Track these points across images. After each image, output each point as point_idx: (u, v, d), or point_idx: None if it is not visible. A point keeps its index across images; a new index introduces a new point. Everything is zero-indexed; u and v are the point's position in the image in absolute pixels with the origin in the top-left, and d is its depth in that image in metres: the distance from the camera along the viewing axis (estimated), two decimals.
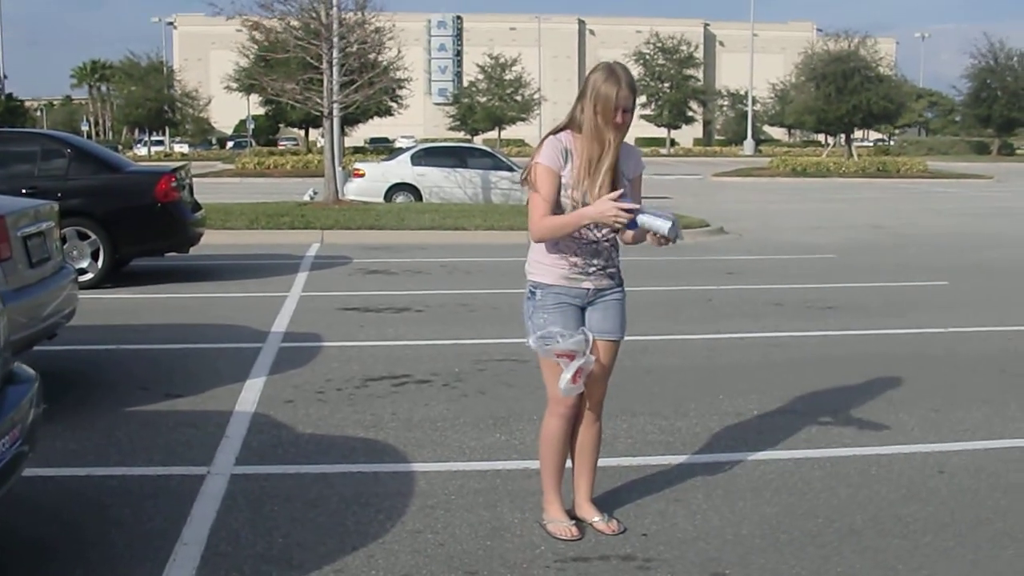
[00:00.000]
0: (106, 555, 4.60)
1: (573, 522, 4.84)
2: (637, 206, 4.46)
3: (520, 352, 8.66)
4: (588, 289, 4.70)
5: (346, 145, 42.31)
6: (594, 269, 4.70)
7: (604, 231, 4.63)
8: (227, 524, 4.95)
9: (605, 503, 5.10)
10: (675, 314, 10.73)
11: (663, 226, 4.41)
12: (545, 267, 4.70)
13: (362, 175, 25.73)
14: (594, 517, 4.89)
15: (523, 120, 78.67)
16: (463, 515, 5.08)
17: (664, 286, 12.32)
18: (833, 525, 4.97)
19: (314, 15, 24.00)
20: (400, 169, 25.69)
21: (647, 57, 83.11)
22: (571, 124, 4.65)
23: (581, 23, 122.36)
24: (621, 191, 4.49)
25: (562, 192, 4.59)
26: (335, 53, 23.71)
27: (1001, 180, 46.20)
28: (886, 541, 4.78)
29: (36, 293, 6.89)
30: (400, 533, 4.84)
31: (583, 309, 4.74)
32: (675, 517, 5.06)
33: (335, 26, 23.66)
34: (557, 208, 4.59)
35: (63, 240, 9.00)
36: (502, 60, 78.01)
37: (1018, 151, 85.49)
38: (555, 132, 4.71)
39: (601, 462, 5.14)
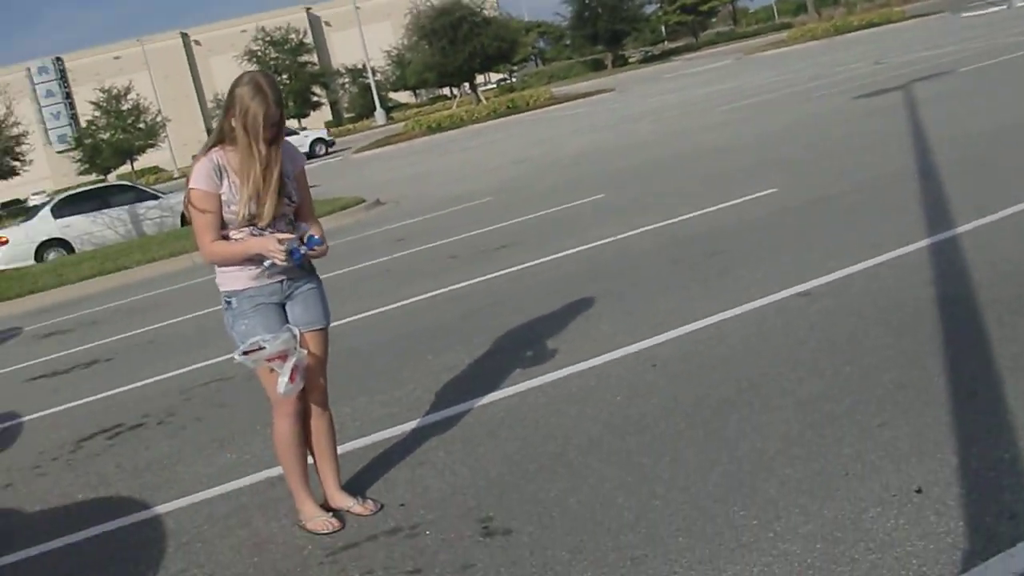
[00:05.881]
0: None
1: (330, 514, 4.80)
2: (294, 241, 4.45)
3: (222, 371, 8.48)
4: (281, 282, 4.63)
5: None
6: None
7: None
8: None
9: (354, 487, 5.08)
10: (359, 292, 10.74)
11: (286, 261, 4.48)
12: (232, 274, 4.59)
13: (5, 242, 24.30)
14: (349, 503, 4.86)
15: (152, 147, 76.16)
16: (221, 541, 4.92)
17: (340, 269, 12.30)
18: (572, 442, 5.15)
19: None
20: (43, 225, 24.45)
21: (259, 54, 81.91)
22: (222, 138, 4.51)
23: (184, 36, 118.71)
24: (291, 236, 4.45)
25: (225, 209, 4.47)
26: None
27: (622, 90, 48.71)
28: (625, 441, 5.00)
29: None
30: None
31: (282, 305, 4.67)
32: (425, 480, 5.09)
33: None
34: (224, 227, 4.52)
35: None
36: (114, 91, 75.07)
37: (631, 60, 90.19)
38: (207, 150, 4.55)
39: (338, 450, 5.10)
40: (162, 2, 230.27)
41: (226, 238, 4.53)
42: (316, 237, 4.56)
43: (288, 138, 4.60)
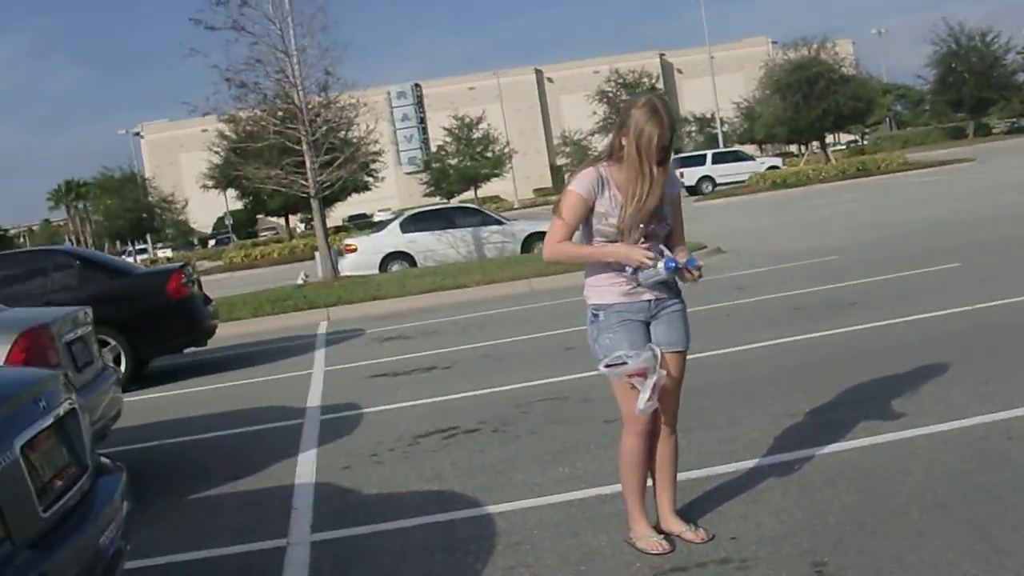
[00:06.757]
0: None
1: (662, 536, 4.88)
2: (656, 257, 4.63)
3: (560, 390, 8.75)
4: (650, 301, 4.78)
5: (328, 226, 42.17)
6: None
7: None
8: None
9: (686, 514, 5.14)
10: (698, 333, 10.68)
11: (660, 271, 4.64)
12: (603, 288, 4.78)
13: (354, 250, 25.83)
14: (681, 528, 4.93)
15: (497, 176, 78.85)
16: (550, 546, 5.11)
17: None
18: (916, 502, 5.02)
19: (288, 99, 24.19)
20: (391, 238, 25.82)
21: (610, 95, 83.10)
22: (610, 155, 4.73)
23: (538, 72, 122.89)
24: (650, 247, 4.66)
25: (601, 221, 4.69)
26: (312, 133, 23.87)
27: (983, 161, 46.25)
28: (973, 509, 4.82)
29: (85, 396, 6.92)
30: (493, 571, 4.87)
31: (647, 324, 4.81)
32: (758, 517, 5.09)
33: (305, 107, 23.84)
34: (587, 238, 4.78)
35: None
36: (467, 120, 78.26)
37: (994, 130, 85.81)
38: (593, 162, 4.79)
39: None
40: (518, 39, 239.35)
41: None
42: (696, 260, 4.71)
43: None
